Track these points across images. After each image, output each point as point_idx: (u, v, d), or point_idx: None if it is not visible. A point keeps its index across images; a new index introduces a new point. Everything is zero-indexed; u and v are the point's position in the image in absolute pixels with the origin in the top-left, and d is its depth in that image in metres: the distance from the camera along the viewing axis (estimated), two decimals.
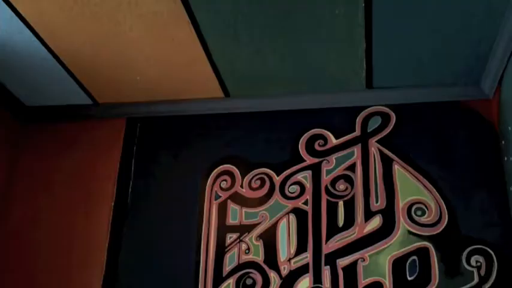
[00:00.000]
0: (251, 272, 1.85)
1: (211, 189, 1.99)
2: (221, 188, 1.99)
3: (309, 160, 1.97)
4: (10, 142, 2.15)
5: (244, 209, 1.95)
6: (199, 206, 1.97)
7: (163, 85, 2.03)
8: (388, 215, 1.84)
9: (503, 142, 1.84)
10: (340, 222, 1.87)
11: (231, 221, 1.94)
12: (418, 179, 1.87)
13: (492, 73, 1.85)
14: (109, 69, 1.95)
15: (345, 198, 1.89)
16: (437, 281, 1.73)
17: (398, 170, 1.89)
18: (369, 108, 2.00)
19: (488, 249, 1.74)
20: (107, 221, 2.00)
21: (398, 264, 1.77)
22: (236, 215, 1.94)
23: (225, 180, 2.00)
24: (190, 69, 1.93)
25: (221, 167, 2.02)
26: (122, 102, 2.13)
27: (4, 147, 2.12)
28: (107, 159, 2.09)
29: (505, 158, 1.82)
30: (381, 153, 1.93)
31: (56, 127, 2.19)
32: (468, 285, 1.71)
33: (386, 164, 1.91)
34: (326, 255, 1.83)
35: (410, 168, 1.89)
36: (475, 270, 1.73)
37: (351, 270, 1.79)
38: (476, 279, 1.71)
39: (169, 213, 1.98)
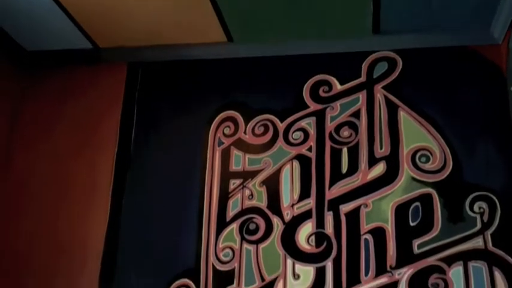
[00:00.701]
0: (254, 217, 1.86)
1: (215, 136, 1.98)
2: (224, 135, 1.98)
3: (313, 106, 1.95)
4: (11, 89, 2.13)
5: (247, 155, 1.94)
6: (203, 152, 1.96)
7: (164, 29, 1.99)
8: (392, 161, 1.83)
9: (510, 88, 1.81)
10: (344, 168, 1.86)
11: (234, 167, 1.94)
12: (423, 126, 1.85)
13: (503, 18, 1.81)
14: (110, 13, 1.91)
15: (349, 145, 1.88)
16: (439, 226, 1.73)
17: (404, 116, 1.87)
18: (375, 54, 1.97)
19: (492, 196, 1.74)
20: (111, 168, 2.00)
21: (401, 210, 1.77)
22: (239, 161, 1.94)
23: (228, 126, 1.98)
24: (193, 12, 1.88)
25: (224, 113, 2.00)
26: (123, 46, 2.09)
27: (5, 94, 2.10)
28: (109, 105, 2.08)
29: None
30: (387, 99, 1.90)
31: (56, 73, 2.17)
32: (471, 231, 1.72)
33: (392, 110, 1.89)
34: (329, 201, 1.83)
35: (415, 115, 1.87)
36: (478, 217, 1.73)
37: (353, 216, 1.80)
38: (479, 225, 1.72)
39: (173, 160, 1.98)
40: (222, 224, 1.88)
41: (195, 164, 1.95)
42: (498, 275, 1.66)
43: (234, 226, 1.87)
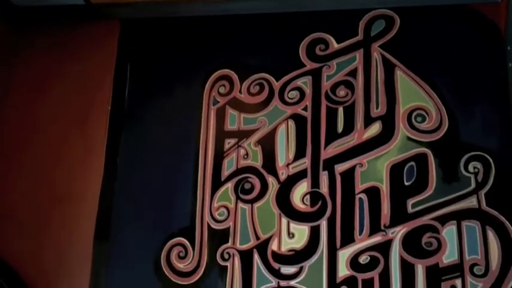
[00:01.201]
0: (249, 177, 1.86)
1: (209, 95, 1.96)
2: (219, 94, 1.96)
3: (309, 65, 1.92)
4: (2, 48, 2.09)
5: (242, 115, 1.92)
6: (197, 111, 1.95)
7: None
8: (388, 121, 1.82)
9: (509, 48, 1.79)
10: (340, 128, 1.85)
11: (229, 126, 1.93)
12: (420, 85, 1.84)
13: None
14: None
15: (345, 104, 1.87)
16: (434, 186, 1.74)
17: (401, 75, 1.86)
18: (372, 12, 1.93)
19: (487, 156, 1.75)
20: (105, 127, 1.98)
21: (396, 170, 1.78)
22: (234, 120, 1.93)
23: (223, 85, 1.96)
24: None
25: (219, 71, 1.97)
26: (116, 2, 2.04)
27: None
28: (102, 63, 2.04)
29: (510, 65, 1.78)
30: (384, 58, 1.88)
31: (47, 30, 2.12)
32: (465, 191, 1.72)
33: (389, 69, 1.87)
34: (324, 160, 1.83)
35: (412, 74, 1.85)
36: (472, 177, 1.74)
37: (348, 176, 1.80)
38: (473, 185, 1.73)
39: (167, 119, 1.96)
40: (217, 183, 1.88)
41: (189, 123, 1.94)
42: (491, 234, 1.68)
43: (229, 185, 1.87)
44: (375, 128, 1.83)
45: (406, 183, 1.76)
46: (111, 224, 1.89)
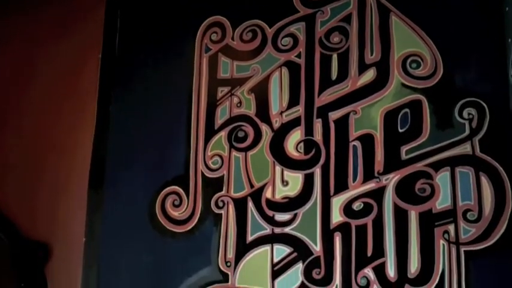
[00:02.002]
0: (243, 125, 1.85)
1: (201, 42, 1.93)
2: (211, 41, 1.92)
3: (303, 11, 1.88)
4: None
5: (235, 62, 1.90)
6: (189, 59, 1.92)
7: None
8: (383, 67, 1.80)
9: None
10: (334, 75, 1.83)
11: (222, 74, 1.90)
12: (415, 31, 1.80)
13: None
14: None
15: (339, 51, 1.84)
16: (428, 133, 1.73)
17: (396, 21, 1.82)
18: None
19: (482, 102, 1.73)
20: (96, 74, 1.96)
21: (390, 117, 1.76)
22: (227, 68, 1.90)
23: (215, 32, 1.93)
24: None
25: (211, 18, 1.93)
26: None
27: None
28: (91, 10, 2.01)
29: (507, 9, 1.75)
30: (378, 3, 1.84)
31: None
32: (459, 137, 1.72)
33: (384, 14, 1.83)
34: (318, 108, 1.82)
35: (408, 20, 1.81)
36: (466, 123, 1.73)
37: (342, 123, 1.79)
38: (467, 132, 1.72)
39: (159, 68, 1.94)
40: (210, 132, 1.87)
41: (181, 71, 1.91)
42: (484, 180, 1.68)
43: (223, 134, 1.86)
44: (369, 75, 1.80)
45: (400, 130, 1.75)
46: (105, 172, 1.90)
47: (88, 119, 1.94)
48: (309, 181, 1.77)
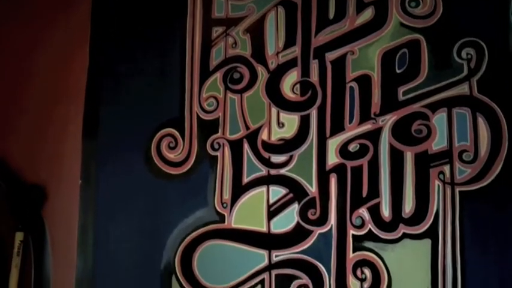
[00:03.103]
0: (238, 66, 1.82)
1: None
2: None
3: None
4: None
5: (230, 1, 1.85)
6: None
7: None
8: (381, 6, 1.76)
9: None
10: (331, 14, 1.79)
11: (216, 14, 1.85)
12: None
13: None
14: None
15: None
16: (425, 73, 1.71)
17: None
18: None
19: (481, 42, 1.70)
20: (87, 15, 1.92)
21: (387, 57, 1.74)
22: (222, 7, 1.85)
23: None
24: None
25: None
26: None
27: None
28: None
29: None
30: None
31: None
32: (457, 78, 1.70)
33: None
34: (315, 48, 1.78)
35: None
36: (465, 63, 1.70)
37: (339, 64, 1.76)
38: (465, 72, 1.70)
39: (150, 7, 1.89)
40: (205, 73, 1.84)
41: (175, 10, 1.87)
42: (481, 121, 1.67)
43: (218, 75, 1.83)
44: (368, 14, 1.77)
45: (397, 71, 1.73)
46: (99, 117, 1.88)
47: (80, 65, 1.91)
48: (305, 123, 1.76)
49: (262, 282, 1.73)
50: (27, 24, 1.99)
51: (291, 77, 1.79)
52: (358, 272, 1.68)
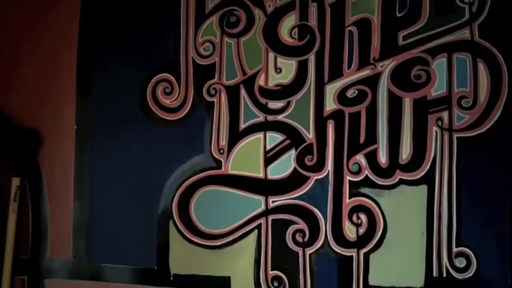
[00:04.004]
0: (235, 10, 1.78)
1: None
2: None
3: None
4: None
5: None
6: None
7: None
8: None
9: None
10: None
11: None
12: None
13: None
14: None
15: None
16: (426, 17, 1.67)
17: None
18: None
19: None
20: None
21: (388, 0, 1.69)
22: None
23: None
24: None
25: None
26: None
27: None
28: None
29: None
30: None
31: None
32: (458, 22, 1.66)
33: None
34: None
35: None
36: (466, 7, 1.66)
37: (338, 7, 1.72)
38: (467, 16, 1.65)
39: None
40: (201, 17, 1.80)
41: None
42: (481, 66, 1.64)
43: (214, 19, 1.79)
44: None
45: (398, 15, 1.69)
46: (94, 62, 1.85)
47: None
48: (302, 68, 1.74)
49: (258, 227, 1.74)
50: None
51: (289, 21, 1.75)
52: (354, 218, 1.69)
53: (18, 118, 1.91)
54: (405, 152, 1.66)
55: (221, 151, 1.77)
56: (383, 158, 1.68)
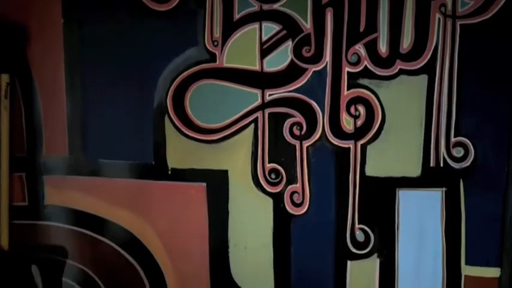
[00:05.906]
0: None
1: None
2: None
3: None
4: None
5: None
6: None
7: None
8: None
9: None
10: None
11: None
12: None
13: None
14: None
15: None
16: None
17: None
18: None
19: None
20: None
21: None
22: None
23: None
24: None
25: None
26: None
27: None
28: None
29: None
30: None
31: None
32: None
33: None
34: None
35: None
36: None
37: None
38: None
39: None
40: None
41: None
42: None
43: None
44: None
45: None
46: None
47: None
48: None
49: (255, 121, 1.72)
50: None
51: None
52: (352, 109, 1.67)
53: (4, 13, 1.82)
54: (406, 41, 1.61)
55: (215, 43, 1.71)
56: (383, 48, 1.63)
